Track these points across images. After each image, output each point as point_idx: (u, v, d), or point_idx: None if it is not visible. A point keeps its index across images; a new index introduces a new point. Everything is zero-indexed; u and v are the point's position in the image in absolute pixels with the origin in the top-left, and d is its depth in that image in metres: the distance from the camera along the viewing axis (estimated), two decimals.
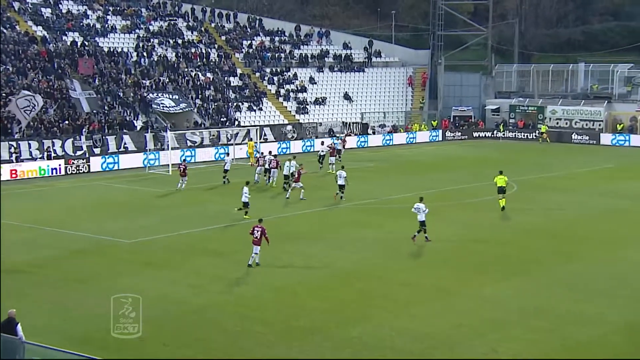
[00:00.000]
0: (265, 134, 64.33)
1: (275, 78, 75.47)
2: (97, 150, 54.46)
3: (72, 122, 56.14)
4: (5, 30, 64.10)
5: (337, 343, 20.35)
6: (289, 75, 76.47)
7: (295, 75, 76.70)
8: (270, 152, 49.83)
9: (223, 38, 78.62)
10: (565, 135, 71.65)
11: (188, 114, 63.62)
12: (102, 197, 42.83)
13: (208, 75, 70.55)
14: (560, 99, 76.09)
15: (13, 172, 48.43)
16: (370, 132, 71.92)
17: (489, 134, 75.14)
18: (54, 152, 52.20)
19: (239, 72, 73.83)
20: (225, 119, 66.01)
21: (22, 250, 29.62)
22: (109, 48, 68.58)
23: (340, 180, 39.71)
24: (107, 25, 71.90)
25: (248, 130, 61.72)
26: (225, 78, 71.74)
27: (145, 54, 69.40)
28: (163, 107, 62.20)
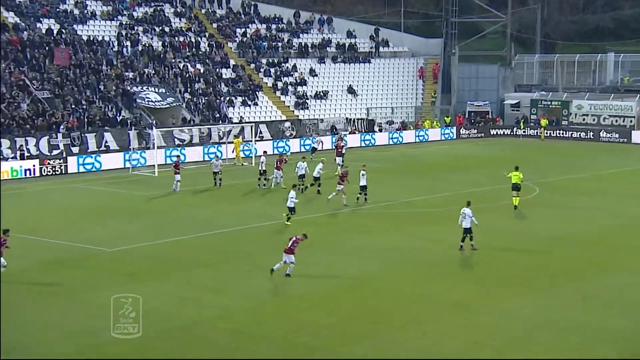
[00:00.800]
0: (261, 132, 64.16)
1: (272, 70, 75.34)
2: (75, 150, 54.28)
3: (47, 118, 55.97)
4: None
5: None
6: (287, 67, 76.31)
7: (294, 67, 76.55)
8: (265, 152, 50.67)
9: (214, 26, 78.48)
10: (593, 133, 71.47)
11: (176, 110, 63.49)
12: (80, 201, 42.59)
13: (198, 67, 70.42)
14: (587, 93, 75.91)
15: None
16: (377, 129, 71.76)
17: (508, 132, 74.98)
18: (28, 151, 52.04)
19: (232, 63, 73.70)
20: (217, 115, 65.85)
21: None
22: (89, 36, 68.44)
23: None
24: (86, 12, 71.77)
25: (242, 128, 61.56)
26: (217, 70, 71.61)
27: (129, 44, 69.25)
28: (148, 101, 62.07)
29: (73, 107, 58.17)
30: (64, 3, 71.94)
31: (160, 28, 73.62)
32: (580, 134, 72.08)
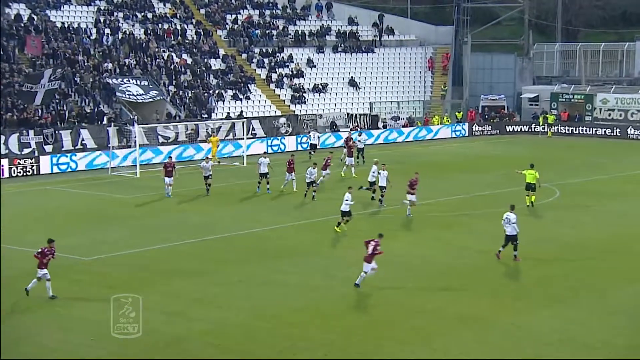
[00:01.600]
0: (254, 128, 64.21)
1: (266, 60, 75.46)
2: (48, 148, 54.34)
3: (17, 113, 56.03)
4: None
5: None
6: (283, 57, 76.45)
7: (290, 57, 76.69)
8: (265, 152, 51.15)
9: (202, 12, 78.60)
10: (620, 130, 71.61)
11: (159, 104, 63.56)
12: (54, 204, 42.61)
13: (184, 57, 70.52)
14: (613, 86, 76.06)
15: None
16: (381, 125, 71.88)
17: (526, 128, 75.13)
18: None
19: (222, 53, 73.82)
20: (205, 110, 65.95)
21: None
22: (63, 23, 68.50)
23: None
24: None
25: (233, 124, 61.64)
26: (205, 60, 71.72)
27: (108, 31, 69.31)
28: (129, 95, 62.10)
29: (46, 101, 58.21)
30: None
31: (143, 14, 73.67)
32: (606, 131, 72.28)
